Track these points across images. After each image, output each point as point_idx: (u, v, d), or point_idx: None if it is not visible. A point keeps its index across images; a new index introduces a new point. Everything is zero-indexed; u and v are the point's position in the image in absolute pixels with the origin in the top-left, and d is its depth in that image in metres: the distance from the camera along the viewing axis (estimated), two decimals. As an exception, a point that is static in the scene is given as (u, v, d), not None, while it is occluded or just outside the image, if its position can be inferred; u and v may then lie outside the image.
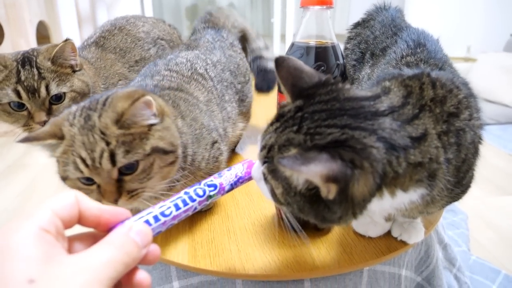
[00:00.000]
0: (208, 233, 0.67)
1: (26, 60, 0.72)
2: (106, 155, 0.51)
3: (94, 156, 0.51)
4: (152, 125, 0.56)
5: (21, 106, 0.71)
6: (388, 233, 0.67)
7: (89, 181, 0.54)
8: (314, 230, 0.67)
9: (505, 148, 2.41)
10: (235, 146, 0.99)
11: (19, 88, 0.69)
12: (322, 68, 0.56)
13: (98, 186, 0.54)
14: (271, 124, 0.50)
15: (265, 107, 1.13)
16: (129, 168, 0.53)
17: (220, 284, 0.62)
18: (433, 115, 0.49)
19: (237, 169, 0.52)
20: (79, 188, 0.54)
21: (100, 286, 0.29)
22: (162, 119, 0.58)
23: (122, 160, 0.52)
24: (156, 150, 0.55)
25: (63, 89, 0.73)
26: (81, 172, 0.52)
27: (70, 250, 0.34)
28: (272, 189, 0.49)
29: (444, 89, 0.53)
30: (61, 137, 0.53)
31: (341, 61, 0.57)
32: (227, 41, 0.95)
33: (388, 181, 0.46)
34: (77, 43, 0.94)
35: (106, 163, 0.51)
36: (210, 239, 0.65)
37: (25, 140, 0.53)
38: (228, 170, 0.51)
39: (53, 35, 2.61)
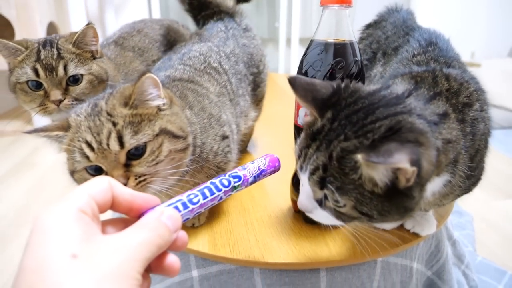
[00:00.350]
0: (226, 224, 0.69)
1: (47, 42, 0.74)
2: (113, 135, 0.51)
3: (101, 138, 0.51)
4: (160, 109, 0.57)
5: (38, 86, 0.73)
6: (401, 226, 0.69)
7: (96, 172, 0.54)
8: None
9: (508, 153, 2.42)
10: (247, 145, 1.01)
11: (38, 66, 0.71)
12: (341, 64, 0.58)
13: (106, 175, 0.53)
14: (307, 146, 0.50)
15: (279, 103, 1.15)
16: (137, 152, 0.53)
17: (238, 272, 0.63)
18: (450, 104, 0.52)
19: (259, 162, 0.53)
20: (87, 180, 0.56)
21: (136, 264, 0.30)
22: (170, 105, 0.59)
23: (130, 141, 0.52)
24: (164, 132, 0.55)
25: (81, 70, 0.75)
26: (87, 158, 0.52)
27: (103, 233, 0.35)
28: (336, 211, 0.49)
29: (456, 82, 0.56)
30: (68, 129, 0.53)
31: (358, 57, 0.59)
32: (240, 28, 0.95)
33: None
34: None
35: (113, 144, 0.51)
36: (228, 229, 0.67)
37: (34, 131, 0.55)
38: (251, 163, 0.52)
39: (62, 36, 2.64)
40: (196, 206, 0.42)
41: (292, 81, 0.52)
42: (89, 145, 0.51)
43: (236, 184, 0.48)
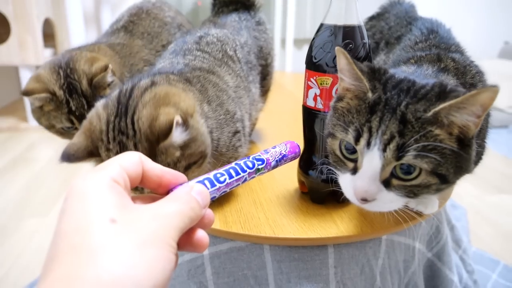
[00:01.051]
0: (235, 203, 0.71)
1: (71, 87, 0.76)
2: None
3: None
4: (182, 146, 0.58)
5: (71, 127, 0.78)
6: (405, 205, 0.71)
7: None
8: (335, 202, 0.71)
9: (500, 151, 2.48)
10: (250, 134, 1.03)
11: (72, 117, 0.76)
12: (350, 46, 0.60)
13: None
14: (368, 121, 0.49)
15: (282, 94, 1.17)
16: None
17: (248, 250, 0.65)
18: (460, 83, 0.55)
19: (281, 148, 0.54)
20: None
21: (172, 232, 0.31)
22: (187, 127, 0.57)
23: None
24: (188, 167, 0.59)
25: None
26: None
27: None
28: (405, 186, 0.49)
29: (461, 64, 0.59)
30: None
31: (366, 40, 0.62)
32: (253, 20, 0.97)
33: None
34: (83, 41, 0.98)
35: None
36: (238, 208, 0.69)
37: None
38: (273, 148, 0.53)
39: (58, 33, 2.64)
40: (222, 185, 0.42)
41: (340, 52, 0.53)
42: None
43: (259, 167, 0.49)
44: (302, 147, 0.72)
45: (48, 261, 0.27)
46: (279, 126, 1.13)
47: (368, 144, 0.48)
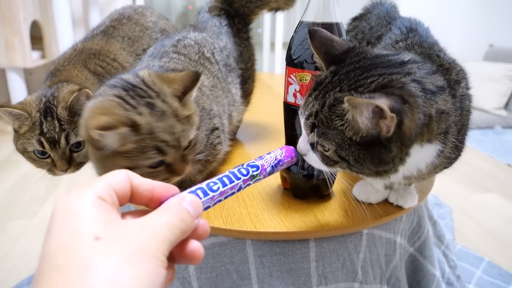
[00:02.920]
0: (218, 199, 0.71)
1: (48, 111, 0.75)
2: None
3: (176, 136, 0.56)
4: None
5: (44, 153, 0.76)
6: (385, 200, 0.72)
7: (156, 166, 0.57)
8: (317, 197, 0.72)
9: (486, 151, 2.52)
10: (235, 133, 1.04)
11: (42, 140, 0.73)
12: (328, 43, 0.61)
13: (169, 165, 0.57)
14: (310, 95, 0.55)
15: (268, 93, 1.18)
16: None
17: (231, 245, 0.66)
18: (445, 78, 0.56)
19: (276, 153, 0.55)
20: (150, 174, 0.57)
21: (161, 245, 0.30)
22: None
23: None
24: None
25: (80, 138, 0.77)
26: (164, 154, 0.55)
27: None
28: (322, 154, 0.54)
29: (446, 61, 0.60)
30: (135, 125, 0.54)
31: (344, 37, 0.63)
32: (235, 27, 0.98)
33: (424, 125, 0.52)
34: (71, 44, 0.97)
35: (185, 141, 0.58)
36: (220, 203, 0.70)
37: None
38: (268, 154, 0.54)
39: (46, 35, 2.62)
40: (216, 194, 0.41)
41: (312, 32, 0.57)
42: (167, 143, 0.56)
43: (254, 173, 0.49)
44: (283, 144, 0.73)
45: (34, 281, 0.27)
46: (266, 125, 1.14)
47: (301, 112, 0.56)
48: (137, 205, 0.37)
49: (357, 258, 0.69)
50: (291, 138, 0.71)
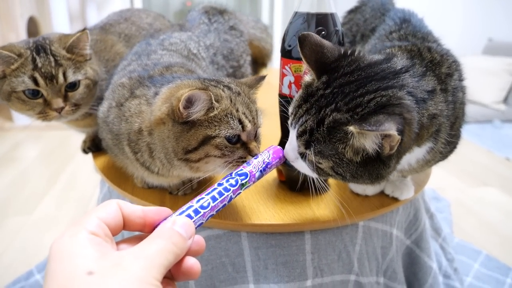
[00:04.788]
0: (213, 192, 0.71)
1: (40, 47, 0.72)
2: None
3: None
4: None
5: (35, 93, 0.71)
6: (381, 192, 0.72)
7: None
8: (312, 190, 0.72)
9: (484, 144, 2.52)
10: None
11: (36, 75, 0.69)
12: (323, 33, 0.61)
13: (243, 144, 0.58)
14: (299, 106, 0.53)
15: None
16: None
17: (226, 237, 0.66)
18: (435, 75, 0.56)
19: (264, 156, 0.54)
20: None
21: (154, 271, 0.31)
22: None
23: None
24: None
25: (79, 76, 0.74)
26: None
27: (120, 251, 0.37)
28: (314, 165, 0.53)
29: (438, 54, 0.60)
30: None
31: (339, 28, 0.62)
32: (226, 24, 0.99)
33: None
34: None
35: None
36: (216, 197, 0.69)
37: None
38: (255, 158, 0.54)
39: (43, 31, 2.61)
40: (207, 210, 0.42)
41: (302, 39, 0.54)
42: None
43: (243, 182, 0.49)
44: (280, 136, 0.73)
45: None
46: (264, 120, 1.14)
47: (291, 124, 0.54)
48: (132, 231, 0.38)
49: (353, 250, 0.69)
50: (287, 130, 0.70)
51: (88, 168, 2.01)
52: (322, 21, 0.61)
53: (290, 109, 0.55)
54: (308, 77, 0.55)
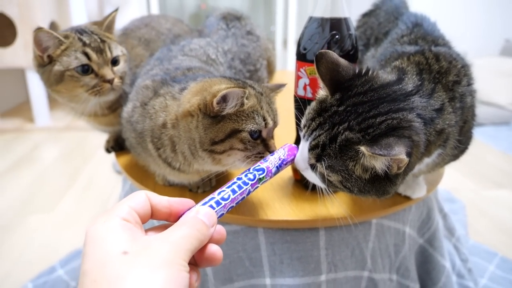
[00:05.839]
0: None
1: (81, 30, 0.78)
2: None
3: None
4: None
5: (86, 70, 0.75)
6: (394, 191, 0.74)
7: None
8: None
9: (499, 147, 2.49)
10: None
11: (87, 50, 0.74)
12: (337, 37, 0.63)
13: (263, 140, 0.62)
14: (313, 119, 0.55)
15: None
16: None
17: (243, 233, 0.68)
18: (442, 85, 0.58)
19: (279, 153, 0.58)
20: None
21: (181, 253, 0.35)
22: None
23: None
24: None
25: (119, 52, 0.80)
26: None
27: None
28: (324, 177, 0.55)
29: (446, 61, 0.61)
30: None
31: (352, 32, 0.65)
32: (243, 29, 1.02)
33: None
34: None
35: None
36: (233, 194, 0.72)
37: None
38: (271, 155, 0.57)
39: (63, 35, 2.68)
40: (227, 202, 0.45)
41: (319, 57, 0.56)
42: None
43: (261, 176, 0.52)
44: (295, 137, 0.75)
45: None
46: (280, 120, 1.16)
47: (304, 136, 0.56)
48: (158, 220, 0.42)
49: (366, 247, 0.71)
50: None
51: (105, 168, 2.07)
52: (336, 25, 0.64)
53: (303, 121, 0.57)
54: (322, 92, 0.57)
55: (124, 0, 3.04)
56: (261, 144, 0.61)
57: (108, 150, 0.96)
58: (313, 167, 0.56)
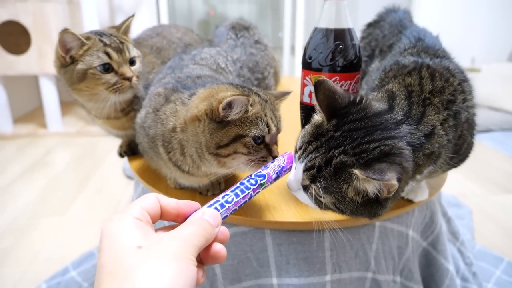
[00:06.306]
0: (239, 193, 0.77)
1: (101, 33, 0.83)
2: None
3: None
4: None
5: (106, 68, 0.80)
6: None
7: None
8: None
9: (508, 152, 2.49)
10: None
11: (108, 50, 0.80)
12: (340, 47, 0.66)
13: (267, 145, 0.65)
14: (309, 142, 0.58)
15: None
16: None
17: (251, 234, 0.71)
18: (434, 106, 0.60)
19: (279, 161, 0.61)
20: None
21: (190, 248, 0.38)
22: None
23: None
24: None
25: (135, 53, 0.85)
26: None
27: None
28: (316, 198, 0.58)
29: (442, 79, 0.63)
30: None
31: (356, 42, 0.67)
32: (251, 38, 1.06)
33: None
34: None
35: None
36: (241, 197, 0.75)
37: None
38: (272, 163, 0.60)
39: (75, 43, 2.75)
40: (231, 205, 0.49)
41: (317, 84, 0.59)
42: None
43: (262, 182, 0.55)
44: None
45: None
46: (286, 127, 1.19)
47: (299, 158, 0.58)
48: (167, 221, 0.45)
49: (369, 249, 0.73)
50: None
51: (116, 173, 2.11)
52: (339, 36, 0.67)
53: (299, 143, 0.60)
54: (317, 117, 0.60)
55: (134, 8, 3.11)
56: (264, 149, 0.64)
57: (121, 155, 1.00)
58: (305, 188, 0.59)
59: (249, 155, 0.63)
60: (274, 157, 0.62)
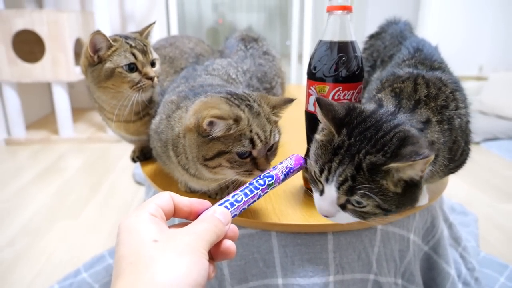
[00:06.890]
0: (247, 197, 0.80)
1: (126, 36, 0.89)
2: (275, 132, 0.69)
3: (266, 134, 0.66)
4: None
5: (131, 68, 0.86)
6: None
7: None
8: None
9: (514, 160, 2.50)
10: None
11: (134, 51, 0.86)
12: (344, 58, 0.70)
13: (253, 159, 0.66)
14: (331, 161, 0.57)
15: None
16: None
17: (258, 236, 0.75)
18: (429, 108, 0.63)
19: (287, 162, 0.63)
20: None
21: (202, 243, 0.41)
22: None
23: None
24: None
25: (155, 56, 0.91)
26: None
27: None
28: (357, 211, 0.57)
29: (435, 87, 0.67)
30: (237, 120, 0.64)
31: (358, 54, 0.71)
32: (260, 50, 1.10)
33: None
34: None
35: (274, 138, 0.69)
36: (249, 201, 0.79)
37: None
38: (280, 164, 0.62)
39: (88, 51, 2.82)
40: (240, 204, 0.52)
41: (319, 101, 0.61)
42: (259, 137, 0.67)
43: (270, 182, 0.58)
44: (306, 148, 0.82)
45: (113, 278, 0.38)
46: (293, 133, 1.23)
47: (327, 179, 0.57)
48: (179, 218, 0.48)
49: (372, 252, 0.76)
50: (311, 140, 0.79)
51: (126, 178, 2.16)
52: (343, 48, 0.71)
53: (318, 168, 0.59)
54: (321, 136, 0.61)
55: (145, 16, 3.19)
56: (250, 162, 0.66)
57: (134, 160, 1.04)
58: (343, 207, 0.58)
59: (233, 169, 0.65)
60: (262, 170, 0.63)
